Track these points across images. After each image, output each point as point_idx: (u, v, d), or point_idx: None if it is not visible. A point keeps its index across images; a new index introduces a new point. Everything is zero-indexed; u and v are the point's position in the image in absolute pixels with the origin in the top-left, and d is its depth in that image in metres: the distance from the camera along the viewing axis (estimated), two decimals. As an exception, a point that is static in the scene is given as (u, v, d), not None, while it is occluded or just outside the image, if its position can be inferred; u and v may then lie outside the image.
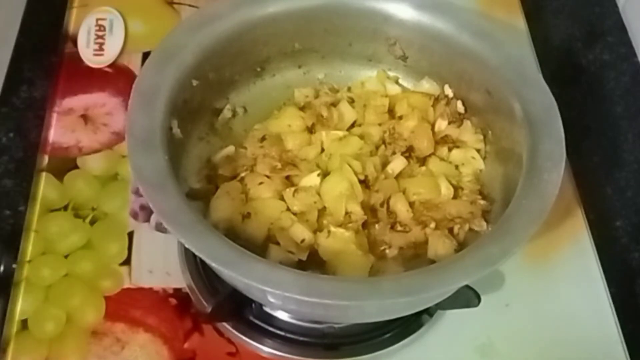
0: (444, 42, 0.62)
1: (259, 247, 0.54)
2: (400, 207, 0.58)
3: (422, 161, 0.62)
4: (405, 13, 0.62)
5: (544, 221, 0.49)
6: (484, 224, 0.57)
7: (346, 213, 0.57)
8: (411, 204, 0.58)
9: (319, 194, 0.57)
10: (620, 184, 0.71)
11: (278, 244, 0.55)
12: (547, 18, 0.86)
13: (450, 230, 0.58)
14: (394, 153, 0.61)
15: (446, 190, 0.59)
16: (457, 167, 0.62)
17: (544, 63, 0.76)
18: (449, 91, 0.64)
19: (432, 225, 0.57)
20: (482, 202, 0.59)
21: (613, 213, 0.71)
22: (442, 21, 0.61)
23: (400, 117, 0.64)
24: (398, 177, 0.60)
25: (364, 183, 0.59)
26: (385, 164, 0.61)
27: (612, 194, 0.72)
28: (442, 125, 0.63)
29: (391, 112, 0.65)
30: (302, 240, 0.55)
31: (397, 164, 0.61)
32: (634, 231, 0.69)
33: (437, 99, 0.65)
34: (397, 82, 0.67)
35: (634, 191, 0.70)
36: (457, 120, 0.64)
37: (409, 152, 0.62)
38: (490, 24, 0.61)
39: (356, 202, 0.57)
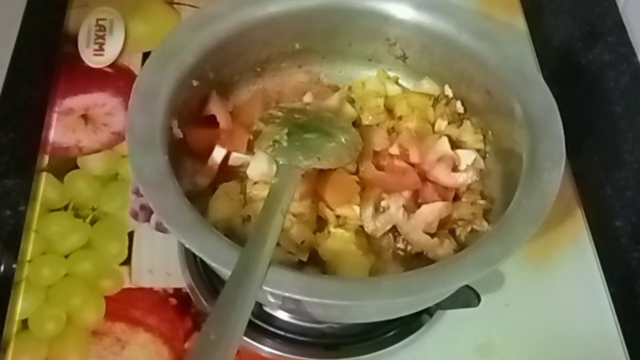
0: (444, 42, 0.62)
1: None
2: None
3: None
4: (405, 13, 0.62)
5: (544, 221, 0.49)
6: (485, 224, 0.57)
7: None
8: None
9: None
10: (620, 184, 0.71)
11: (278, 244, 0.55)
12: (547, 18, 0.86)
13: (452, 232, 0.58)
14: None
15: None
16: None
17: (544, 63, 0.76)
18: (449, 91, 0.64)
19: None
20: (482, 202, 0.59)
21: (613, 213, 0.71)
22: (442, 21, 0.61)
23: (400, 118, 0.64)
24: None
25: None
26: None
27: (612, 194, 0.72)
28: (442, 125, 0.63)
29: (391, 112, 0.65)
30: (302, 241, 0.55)
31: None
32: (634, 231, 0.69)
33: (437, 99, 0.65)
34: (397, 82, 0.67)
35: (633, 191, 0.70)
36: (457, 120, 0.64)
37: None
38: (490, 24, 0.61)
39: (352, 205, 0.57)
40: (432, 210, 0.57)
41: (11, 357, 0.58)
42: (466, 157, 0.60)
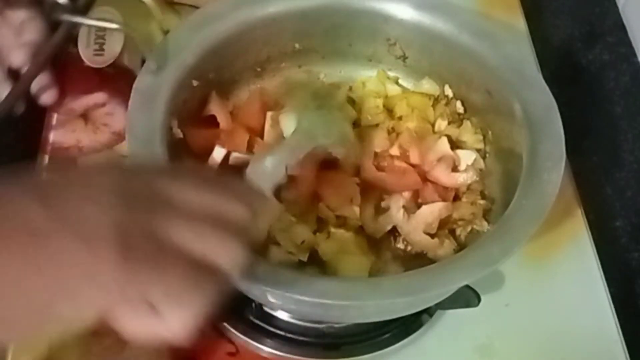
0: (444, 42, 0.62)
1: (259, 248, 0.54)
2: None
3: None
4: (405, 13, 0.62)
5: (544, 221, 0.49)
6: (485, 224, 0.57)
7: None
8: (411, 205, 0.59)
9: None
10: (620, 184, 0.71)
11: (278, 244, 0.55)
12: (547, 18, 0.86)
13: (452, 232, 0.58)
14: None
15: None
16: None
17: (544, 63, 0.76)
18: (449, 91, 0.64)
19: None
20: (482, 202, 0.59)
21: (613, 213, 0.71)
22: (442, 21, 0.61)
23: (400, 118, 0.64)
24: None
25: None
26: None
27: (612, 194, 0.72)
28: (442, 125, 0.63)
29: (391, 112, 0.65)
30: (302, 241, 0.55)
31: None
32: (634, 231, 0.69)
33: (437, 99, 0.65)
34: (397, 82, 0.67)
35: (633, 191, 0.70)
36: (457, 120, 0.64)
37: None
38: (490, 24, 0.61)
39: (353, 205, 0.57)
40: (432, 211, 0.57)
41: (11, 357, 0.58)
42: (466, 157, 0.60)
